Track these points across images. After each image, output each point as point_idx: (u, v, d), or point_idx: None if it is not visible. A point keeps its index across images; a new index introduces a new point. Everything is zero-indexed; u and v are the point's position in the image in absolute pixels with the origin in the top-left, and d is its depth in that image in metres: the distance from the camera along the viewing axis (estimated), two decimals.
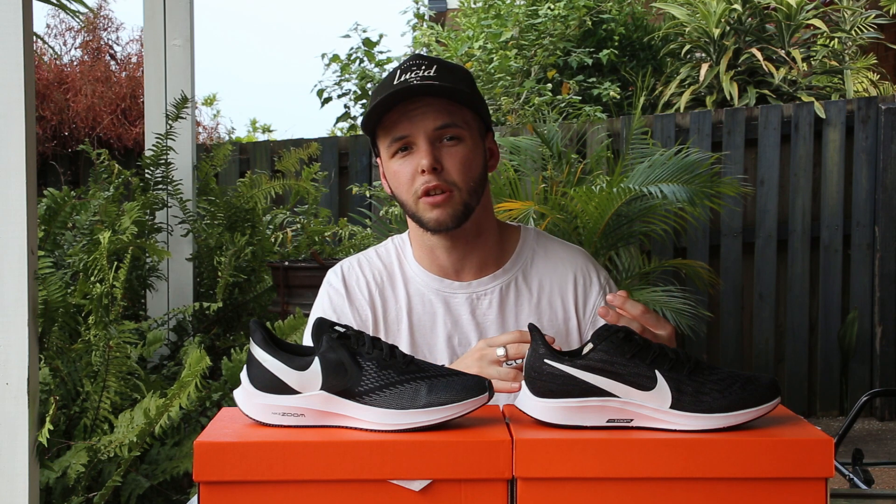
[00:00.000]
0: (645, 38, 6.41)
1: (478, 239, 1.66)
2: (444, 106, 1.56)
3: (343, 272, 1.71)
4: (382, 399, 1.12)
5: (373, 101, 1.59)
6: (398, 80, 1.56)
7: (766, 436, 1.10)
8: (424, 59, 1.60)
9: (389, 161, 1.60)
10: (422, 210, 1.58)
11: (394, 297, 1.68)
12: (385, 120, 1.58)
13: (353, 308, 1.67)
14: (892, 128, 5.03)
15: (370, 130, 1.62)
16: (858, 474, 2.52)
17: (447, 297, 1.67)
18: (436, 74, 1.56)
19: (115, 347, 2.43)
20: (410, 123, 1.56)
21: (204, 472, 1.08)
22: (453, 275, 1.67)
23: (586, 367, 1.13)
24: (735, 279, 5.11)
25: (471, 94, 1.59)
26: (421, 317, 1.67)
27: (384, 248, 1.75)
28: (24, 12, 1.98)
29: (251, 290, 3.53)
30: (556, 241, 1.76)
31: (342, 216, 4.87)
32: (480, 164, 1.61)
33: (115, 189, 3.31)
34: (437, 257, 1.67)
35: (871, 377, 5.09)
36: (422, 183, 1.56)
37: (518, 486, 1.08)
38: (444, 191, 1.56)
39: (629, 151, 4.33)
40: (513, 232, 1.74)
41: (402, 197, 1.61)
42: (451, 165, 1.56)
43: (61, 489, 2.34)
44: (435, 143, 1.56)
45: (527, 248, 1.72)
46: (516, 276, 1.69)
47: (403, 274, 1.70)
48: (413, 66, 1.58)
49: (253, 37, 31.49)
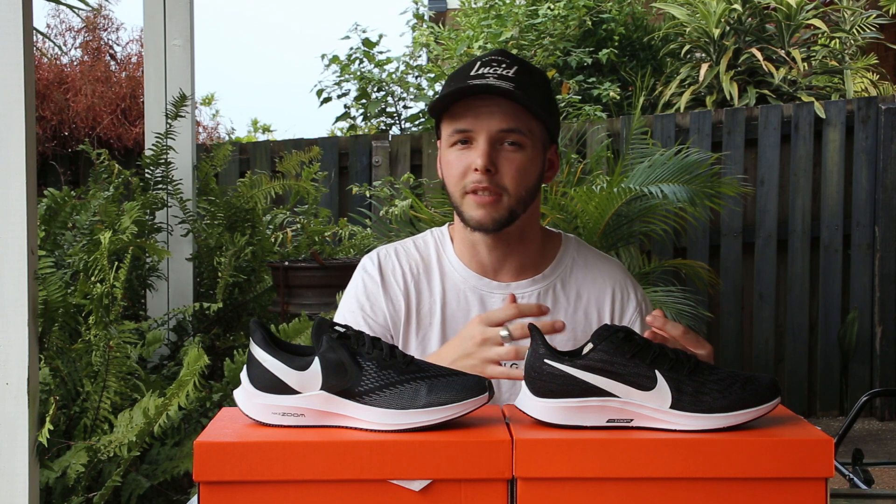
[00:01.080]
0: (645, 38, 6.41)
1: (520, 243, 1.65)
2: (512, 109, 1.54)
3: (380, 259, 1.69)
4: (382, 399, 1.12)
5: (447, 87, 1.57)
6: (475, 72, 1.54)
7: (766, 436, 1.10)
8: (508, 56, 1.58)
9: (448, 149, 1.59)
10: (466, 206, 1.57)
11: (429, 290, 1.66)
12: (452, 109, 1.56)
13: (387, 297, 1.66)
14: (892, 128, 5.03)
15: (436, 114, 1.60)
16: (858, 474, 2.52)
17: (484, 296, 1.65)
18: (514, 76, 1.54)
19: (115, 347, 2.43)
20: (475, 119, 1.54)
21: (204, 472, 1.08)
22: (492, 274, 1.66)
23: (586, 367, 1.13)
24: (735, 279, 5.11)
25: (542, 103, 1.57)
26: (455, 312, 1.65)
27: (422, 240, 1.73)
28: (24, 12, 1.98)
29: (251, 290, 3.53)
30: (596, 252, 1.75)
31: (342, 216, 4.87)
32: (536, 175, 1.60)
33: (115, 189, 3.31)
34: (479, 253, 1.65)
35: (871, 377, 5.09)
36: (472, 180, 1.55)
37: (518, 486, 1.08)
38: (493, 193, 1.55)
39: (629, 151, 4.33)
40: (554, 238, 1.73)
41: (451, 188, 1.59)
42: (505, 170, 1.55)
43: (61, 489, 2.34)
44: (495, 144, 1.54)
45: (567, 257, 1.70)
46: (555, 284, 1.67)
47: (441, 267, 1.68)
48: (494, 62, 1.56)
49: (253, 37, 31.50)
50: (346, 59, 6.32)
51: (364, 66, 6.29)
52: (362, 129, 6.36)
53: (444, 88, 1.59)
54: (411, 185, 4.86)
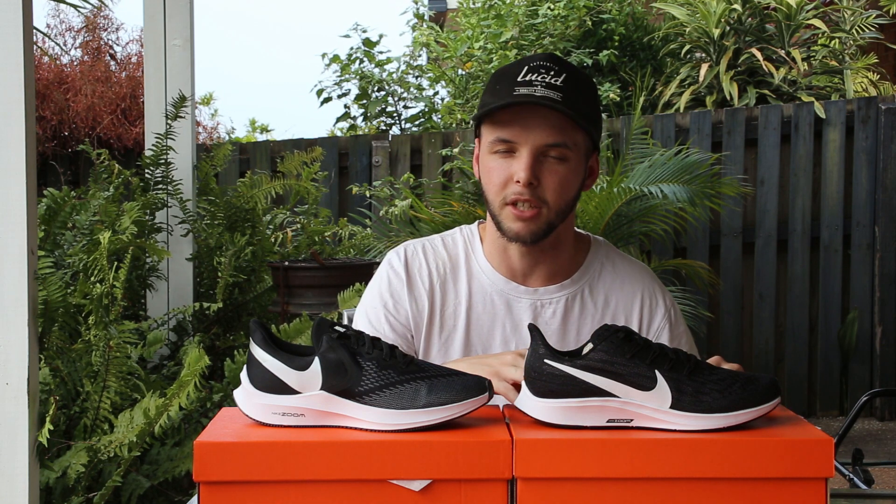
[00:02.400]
0: (645, 39, 6.41)
1: (554, 250, 1.62)
2: (559, 122, 1.50)
3: (407, 256, 1.66)
4: (382, 399, 1.12)
5: (492, 90, 1.54)
6: (523, 78, 1.50)
7: (766, 436, 1.10)
8: (556, 62, 1.53)
9: (488, 155, 1.55)
10: (505, 217, 1.54)
11: (454, 291, 1.63)
12: (497, 116, 1.52)
13: (412, 295, 1.62)
14: (892, 128, 5.03)
15: (478, 117, 1.56)
16: (858, 474, 2.52)
17: (510, 300, 1.62)
18: (562, 85, 1.49)
19: (115, 347, 2.43)
20: (521, 131, 1.50)
21: (204, 472, 1.08)
22: (521, 278, 1.63)
23: (586, 367, 1.13)
24: (735, 279, 5.11)
25: (589, 113, 1.54)
26: (480, 315, 1.62)
27: (451, 238, 1.69)
28: (24, 12, 1.98)
29: (251, 290, 3.53)
30: (625, 257, 1.72)
31: (342, 216, 4.87)
32: (577, 186, 1.57)
33: (115, 189, 3.31)
34: (509, 257, 1.62)
35: (871, 377, 5.09)
36: (513, 192, 1.52)
37: (518, 486, 1.08)
38: (533, 206, 1.52)
39: (629, 151, 4.33)
40: (584, 242, 1.70)
41: (490, 196, 1.56)
42: (548, 183, 1.52)
43: (61, 489, 2.34)
44: (539, 157, 1.51)
45: (596, 262, 1.67)
46: (583, 289, 1.64)
47: (469, 268, 1.65)
48: (542, 68, 1.51)
49: (253, 37, 31.48)
50: (346, 58, 6.32)
51: (364, 66, 6.29)
52: (362, 129, 6.36)
53: (489, 91, 1.55)
54: (411, 185, 4.86)
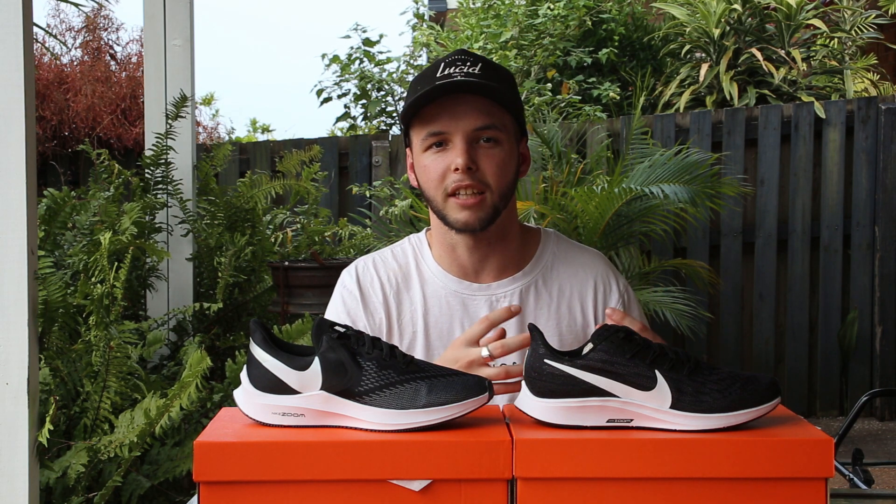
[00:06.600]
0: (645, 38, 6.41)
1: (501, 241, 1.64)
2: (485, 106, 1.54)
3: (358, 273, 1.68)
4: (382, 399, 1.12)
5: (413, 92, 1.56)
6: (441, 74, 1.53)
7: (766, 436, 1.10)
8: (470, 55, 1.57)
9: (421, 154, 1.58)
10: (450, 209, 1.56)
11: (409, 299, 1.65)
12: (424, 112, 1.55)
13: (367, 311, 1.65)
14: (892, 128, 5.03)
15: (406, 120, 1.59)
16: (858, 474, 2.52)
17: (465, 299, 1.64)
18: (481, 73, 1.53)
19: (115, 348, 2.43)
20: (450, 120, 1.53)
21: (204, 472, 1.08)
22: (473, 276, 1.65)
23: (586, 367, 1.13)
24: (735, 279, 5.11)
25: (512, 96, 1.57)
26: (438, 318, 1.64)
27: (400, 248, 1.72)
28: (24, 12, 1.97)
29: (251, 290, 3.53)
30: (576, 245, 1.74)
31: (342, 216, 4.87)
32: (514, 169, 1.60)
33: (115, 189, 3.31)
34: (458, 256, 1.64)
35: (871, 377, 5.09)
36: (453, 181, 1.54)
37: (518, 486, 1.08)
38: (476, 191, 1.54)
39: (629, 151, 4.33)
40: (533, 234, 1.72)
41: (430, 193, 1.58)
42: (486, 167, 1.54)
43: (61, 489, 2.34)
44: (472, 143, 1.54)
45: (547, 252, 1.69)
46: (536, 280, 1.66)
47: (420, 275, 1.67)
48: (458, 61, 1.55)
49: (253, 37, 31.49)
50: (346, 58, 6.32)
51: (364, 66, 6.29)
52: (362, 129, 6.35)
53: (410, 93, 1.57)
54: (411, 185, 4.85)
